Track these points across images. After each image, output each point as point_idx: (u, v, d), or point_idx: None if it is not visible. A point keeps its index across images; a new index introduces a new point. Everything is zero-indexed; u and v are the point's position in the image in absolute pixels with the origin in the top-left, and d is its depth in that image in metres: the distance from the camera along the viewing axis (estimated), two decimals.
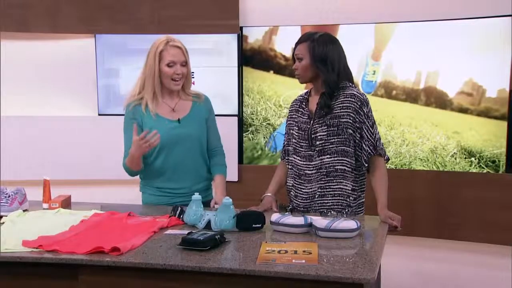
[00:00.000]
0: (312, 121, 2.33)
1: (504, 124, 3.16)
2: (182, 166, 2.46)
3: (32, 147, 3.59)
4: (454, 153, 3.31)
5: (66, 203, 2.49)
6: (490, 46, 3.18)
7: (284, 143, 2.51)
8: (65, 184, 3.04)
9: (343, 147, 2.29)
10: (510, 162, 3.17)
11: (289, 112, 2.49)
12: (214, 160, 2.57)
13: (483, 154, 3.23)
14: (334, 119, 2.28)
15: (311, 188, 2.33)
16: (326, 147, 2.29)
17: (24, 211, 2.34)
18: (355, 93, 2.30)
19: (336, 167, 2.29)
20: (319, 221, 1.96)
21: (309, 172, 2.33)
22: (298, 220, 2.01)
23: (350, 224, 1.95)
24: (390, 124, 3.42)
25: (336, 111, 2.28)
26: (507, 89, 3.13)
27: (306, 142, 2.34)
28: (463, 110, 3.26)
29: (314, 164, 2.31)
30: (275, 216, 2.06)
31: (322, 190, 2.31)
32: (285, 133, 2.50)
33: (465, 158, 3.28)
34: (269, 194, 2.41)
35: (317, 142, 2.30)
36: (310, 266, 1.64)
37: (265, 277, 1.62)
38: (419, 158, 3.39)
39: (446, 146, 3.33)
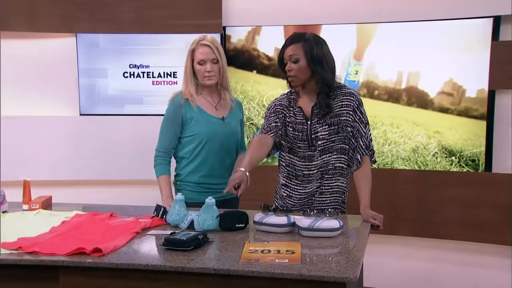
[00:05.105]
0: (310, 122, 2.30)
1: (483, 124, 3.20)
2: (221, 162, 2.51)
3: (12, 147, 3.53)
4: (435, 152, 3.35)
5: (47, 204, 2.46)
6: (469, 47, 3.22)
7: (270, 120, 2.34)
8: (45, 185, 3.00)
9: (342, 145, 2.30)
10: (489, 161, 3.22)
11: (277, 106, 2.35)
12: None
13: (463, 154, 3.28)
14: (334, 118, 2.27)
15: (310, 188, 2.32)
16: (327, 146, 2.28)
17: (3, 212, 2.31)
18: (353, 92, 2.31)
19: (335, 164, 2.30)
20: (302, 221, 1.97)
21: (310, 172, 2.31)
22: (281, 219, 2.01)
23: (333, 223, 1.96)
24: (372, 123, 3.44)
25: (336, 110, 2.28)
26: (486, 89, 3.18)
27: (305, 143, 2.30)
28: (443, 110, 3.30)
29: (316, 164, 2.30)
30: (258, 216, 2.06)
31: (321, 188, 2.31)
32: (272, 114, 2.33)
33: (446, 157, 3.32)
34: (242, 169, 2.17)
35: (319, 142, 2.29)
36: (293, 265, 1.64)
37: (248, 276, 1.62)
38: (401, 158, 3.43)
39: (427, 146, 3.37)
